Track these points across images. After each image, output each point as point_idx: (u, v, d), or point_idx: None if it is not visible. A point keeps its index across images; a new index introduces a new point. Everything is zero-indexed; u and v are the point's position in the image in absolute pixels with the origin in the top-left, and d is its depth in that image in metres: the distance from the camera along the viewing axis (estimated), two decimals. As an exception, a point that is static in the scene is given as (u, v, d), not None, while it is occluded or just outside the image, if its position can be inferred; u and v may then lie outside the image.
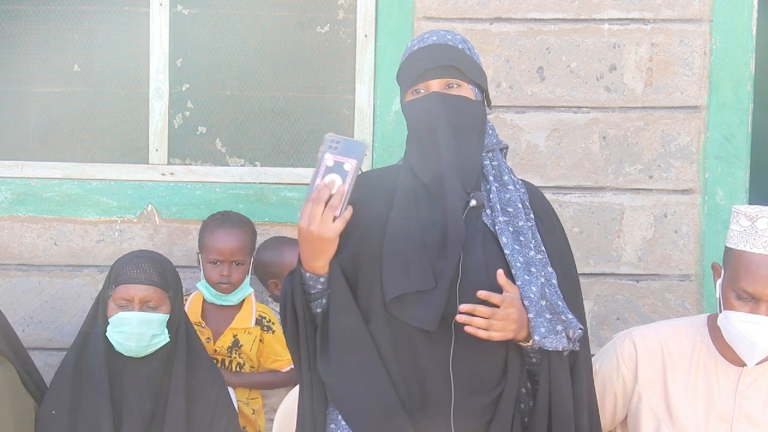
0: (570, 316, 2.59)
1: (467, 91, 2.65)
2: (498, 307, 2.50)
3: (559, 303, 2.60)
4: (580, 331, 2.59)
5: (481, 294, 2.49)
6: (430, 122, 2.62)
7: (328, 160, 2.49)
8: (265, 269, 3.81)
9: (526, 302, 2.55)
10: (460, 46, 2.67)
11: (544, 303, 2.57)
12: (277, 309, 3.90)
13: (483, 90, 2.70)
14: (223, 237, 3.66)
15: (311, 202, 2.48)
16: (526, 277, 2.58)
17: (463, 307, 2.48)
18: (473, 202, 2.60)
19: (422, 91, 2.65)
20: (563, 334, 2.57)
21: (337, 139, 2.50)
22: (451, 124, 2.61)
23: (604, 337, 3.83)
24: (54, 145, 4.04)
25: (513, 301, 2.51)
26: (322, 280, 2.59)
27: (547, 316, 2.56)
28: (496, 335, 2.50)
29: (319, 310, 2.64)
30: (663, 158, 3.94)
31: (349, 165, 2.48)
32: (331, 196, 2.49)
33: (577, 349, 2.62)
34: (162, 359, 3.29)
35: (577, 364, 2.64)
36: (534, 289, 2.56)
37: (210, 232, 3.70)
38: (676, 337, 2.89)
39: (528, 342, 2.57)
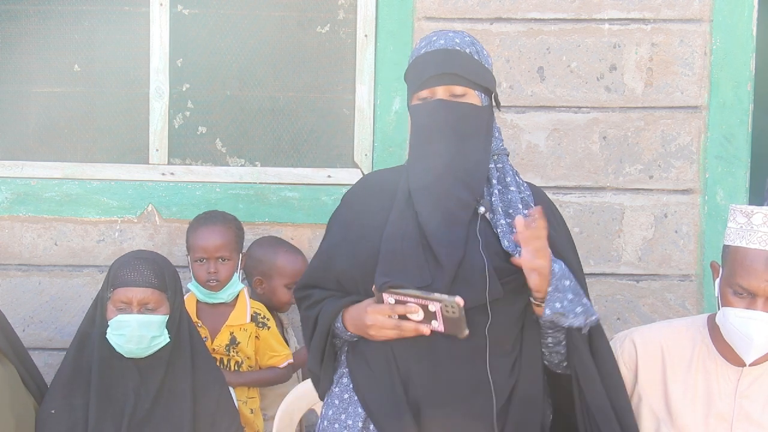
0: (586, 301, 2.60)
1: (473, 97, 2.64)
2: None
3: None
4: (594, 318, 2.62)
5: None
6: (436, 130, 2.62)
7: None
8: (255, 266, 3.81)
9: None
10: (467, 50, 2.65)
11: (568, 283, 2.57)
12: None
13: (491, 93, 2.69)
14: (206, 234, 3.68)
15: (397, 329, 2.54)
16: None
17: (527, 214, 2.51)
18: (482, 209, 2.61)
19: (428, 96, 2.63)
20: (582, 316, 2.58)
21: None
22: (456, 132, 2.61)
23: (604, 337, 3.83)
24: (54, 145, 4.04)
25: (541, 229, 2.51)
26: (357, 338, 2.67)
27: (570, 296, 2.57)
28: (537, 244, 2.49)
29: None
30: (663, 158, 3.94)
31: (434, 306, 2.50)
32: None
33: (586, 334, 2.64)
34: (163, 359, 3.29)
35: (594, 345, 2.66)
36: (556, 267, 2.57)
37: (194, 231, 3.73)
38: (676, 338, 2.89)
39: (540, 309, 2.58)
